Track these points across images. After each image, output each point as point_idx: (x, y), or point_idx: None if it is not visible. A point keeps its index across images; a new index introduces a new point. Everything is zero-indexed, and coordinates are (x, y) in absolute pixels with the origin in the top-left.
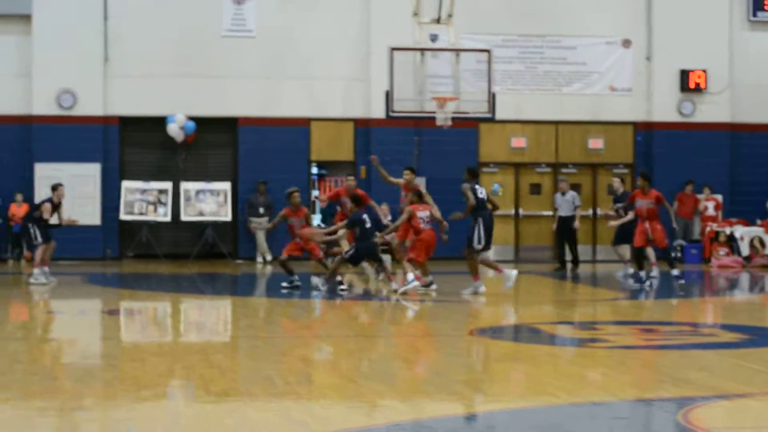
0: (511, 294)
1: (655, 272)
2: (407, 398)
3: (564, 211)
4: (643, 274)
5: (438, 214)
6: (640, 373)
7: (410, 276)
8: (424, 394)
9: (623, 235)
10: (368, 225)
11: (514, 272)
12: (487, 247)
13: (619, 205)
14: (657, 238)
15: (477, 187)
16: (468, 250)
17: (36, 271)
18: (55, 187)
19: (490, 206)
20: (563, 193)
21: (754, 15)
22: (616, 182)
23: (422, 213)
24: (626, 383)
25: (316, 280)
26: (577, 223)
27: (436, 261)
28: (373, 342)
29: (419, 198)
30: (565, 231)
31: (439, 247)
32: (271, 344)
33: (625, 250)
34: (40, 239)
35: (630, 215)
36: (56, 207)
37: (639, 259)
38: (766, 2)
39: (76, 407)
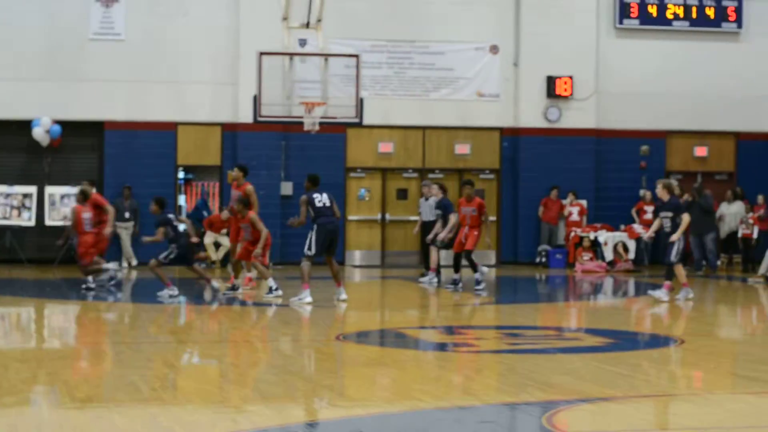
0: (377, 299)
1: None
2: (273, 403)
3: (426, 216)
4: (457, 276)
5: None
6: (505, 377)
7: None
8: (290, 400)
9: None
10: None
11: (308, 299)
12: (320, 254)
13: (666, 214)
14: (468, 243)
15: (315, 195)
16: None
17: None
18: None
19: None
20: (426, 198)
21: (620, 23)
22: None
23: None
24: (491, 387)
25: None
26: (447, 233)
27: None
28: (239, 347)
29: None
30: (423, 236)
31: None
32: (136, 350)
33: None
34: None
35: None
36: None
37: (456, 263)
38: (632, 10)
39: None
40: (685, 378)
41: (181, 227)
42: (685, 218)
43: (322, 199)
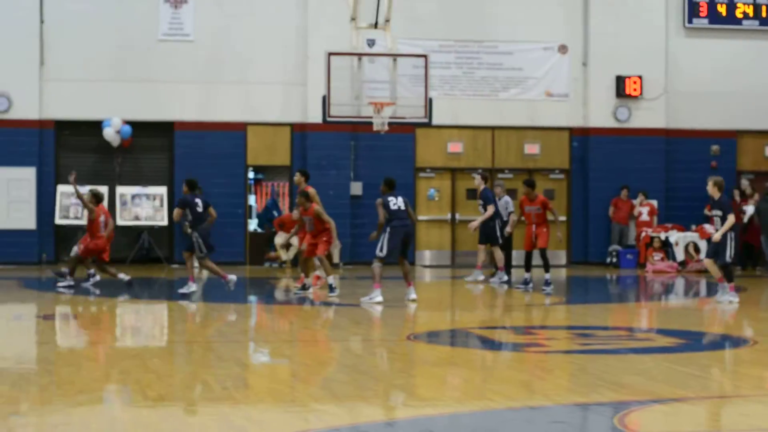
0: (447, 299)
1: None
2: (344, 403)
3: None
4: (528, 276)
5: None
6: (576, 377)
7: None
8: (361, 399)
9: (486, 236)
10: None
11: (378, 298)
12: (391, 256)
13: (716, 212)
14: (541, 241)
15: (390, 198)
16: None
17: None
18: None
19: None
20: (498, 198)
21: (690, 22)
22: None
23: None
24: (563, 387)
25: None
26: (509, 229)
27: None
28: (310, 347)
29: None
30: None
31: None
32: (208, 349)
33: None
34: None
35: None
36: None
37: (527, 262)
38: (701, 9)
39: (12, 412)
40: (757, 379)
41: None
42: (730, 218)
43: (397, 202)
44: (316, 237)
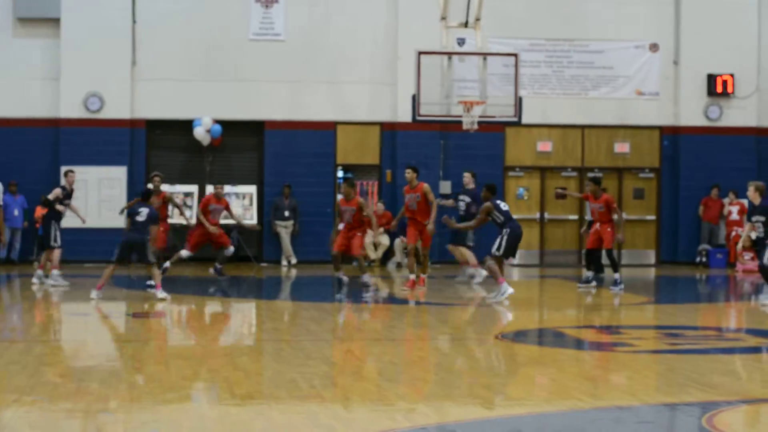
0: (535, 298)
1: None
2: (432, 402)
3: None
4: (590, 274)
5: None
6: (664, 377)
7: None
8: (448, 398)
9: (457, 237)
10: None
11: (509, 290)
12: (507, 256)
13: (759, 218)
14: (605, 240)
15: (498, 203)
16: (488, 255)
17: (55, 272)
18: (66, 173)
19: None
20: None
21: None
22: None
23: None
24: (651, 387)
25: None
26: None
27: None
28: (397, 345)
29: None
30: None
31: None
32: (296, 347)
33: (462, 253)
34: (59, 241)
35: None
36: (68, 194)
37: (589, 259)
38: None
39: (101, 409)
40: None
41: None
42: None
43: (505, 204)
44: (350, 231)
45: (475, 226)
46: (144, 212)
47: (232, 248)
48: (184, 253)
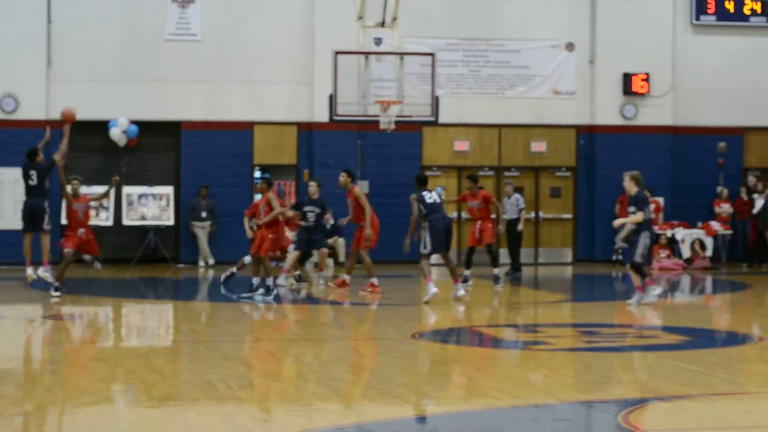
0: (452, 297)
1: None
2: (349, 402)
3: (509, 215)
4: (468, 273)
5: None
6: (581, 375)
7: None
8: (366, 398)
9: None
10: None
11: (433, 290)
12: (436, 251)
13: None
14: (486, 236)
15: (425, 193)
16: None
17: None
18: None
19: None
20: (509, 197)
21: (697, 19)
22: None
23: None
24: (567, 385)
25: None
26: (520, 226)
27: (381, 263)
28: (315, 346)
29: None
30: (509, 234)
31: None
32: (213, 348)
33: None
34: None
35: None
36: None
37: (469, 258)
38: (709, 6)
39: (17, 413)
40: (762, 376)
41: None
42: (638, 215)
43: (432, 196)
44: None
45: (414, 218)
46: (34, 174)
47: (98, 265)
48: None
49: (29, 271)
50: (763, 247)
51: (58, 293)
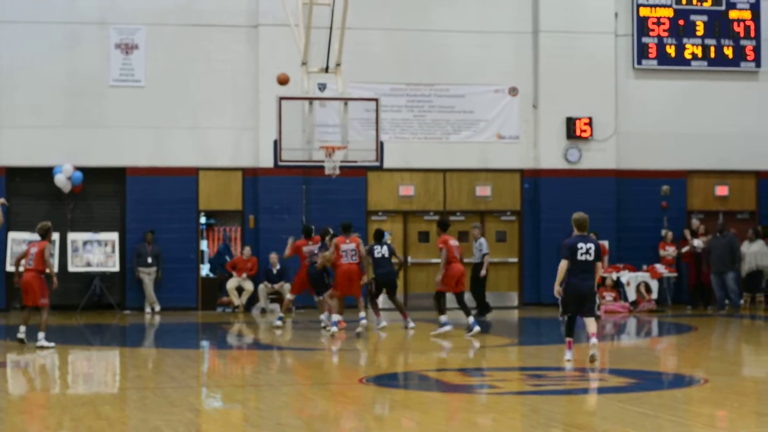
0: (400, 341)
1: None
2: None
3: (474, 258)
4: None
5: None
6: (528, 418)
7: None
8: None
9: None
10: None
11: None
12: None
13: None
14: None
15: (376, 247)
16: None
17: None
18: None
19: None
20: (475, 240)
21: (639, 63)
22: None
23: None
24: (515, 428)
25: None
26: (483, 271)
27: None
28: (263, 391)
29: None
30: (472, 278)
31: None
32: (160, 395)
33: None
34: None
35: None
36: None
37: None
38: (650, 51)
39: None
40: (708, 417)
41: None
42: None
43: (381, 251)
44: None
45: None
46: None
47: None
48: None
49: None
50: (705, 289)
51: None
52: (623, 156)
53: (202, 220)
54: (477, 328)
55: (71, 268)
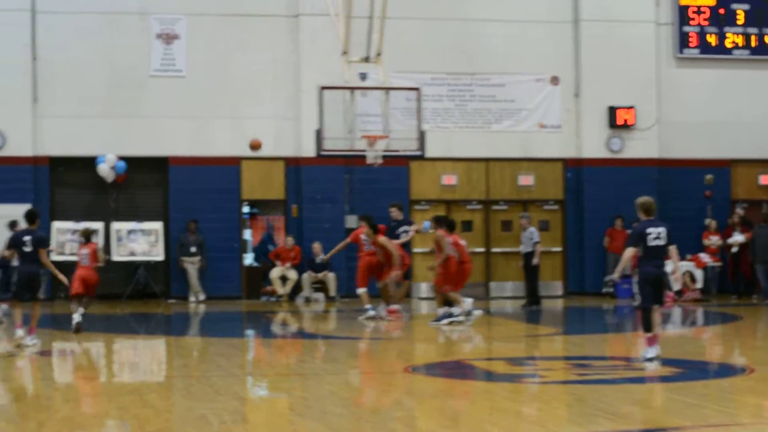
0: (446, 331)
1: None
2: None
3: (524, 248)
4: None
5: None
6: (573, 407)
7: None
8: None
9: None
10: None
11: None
12: None
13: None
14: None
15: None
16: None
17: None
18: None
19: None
20: (524, 230)
21: (681, 52)
22: None
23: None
24: (561, 418)
25: None
26: (536, 260)
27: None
28: (308, 380)
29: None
30: (525, 267)
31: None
32: (206, 383)
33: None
34: None
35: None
36: None
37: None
38: (691, 40)
39: None
40: (754, 407)
41: None
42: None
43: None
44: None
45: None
46: (29, 239)
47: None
48: None
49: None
50: (745, 279)
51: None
52: (665, 145)
53: (245, 209)
54: (445, 321)
55: (115, 258)
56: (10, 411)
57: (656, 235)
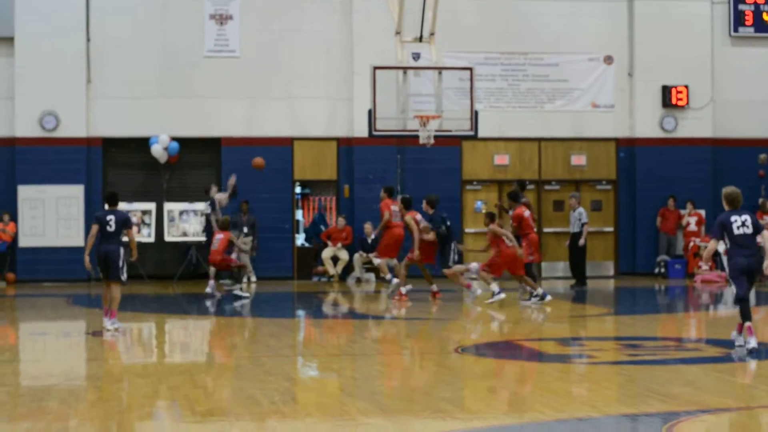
0: (495, 311)
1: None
2: (392, 416)
3: (572, 228)
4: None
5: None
6: (624, 388)
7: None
8: (409, 412)
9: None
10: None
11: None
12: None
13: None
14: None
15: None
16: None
17: None
18: None
19: None
20: (573, 210)
21: (735, 30)
22: None
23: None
24: (611, 399)
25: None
26: (582, 240)
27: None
28: (358, 360)
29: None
30: (571, 248)
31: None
32: (256, 364)
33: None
34: None
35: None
36: None
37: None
38: (746, 18)
39: (61, 429)
40: None
41: None
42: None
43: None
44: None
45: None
46: (112, 219)
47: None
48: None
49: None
50: None
51: None
52: (719, 124)
53: (297, 189)
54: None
55: (167, 238)
56: (61, 391)
57: (741, 222)
